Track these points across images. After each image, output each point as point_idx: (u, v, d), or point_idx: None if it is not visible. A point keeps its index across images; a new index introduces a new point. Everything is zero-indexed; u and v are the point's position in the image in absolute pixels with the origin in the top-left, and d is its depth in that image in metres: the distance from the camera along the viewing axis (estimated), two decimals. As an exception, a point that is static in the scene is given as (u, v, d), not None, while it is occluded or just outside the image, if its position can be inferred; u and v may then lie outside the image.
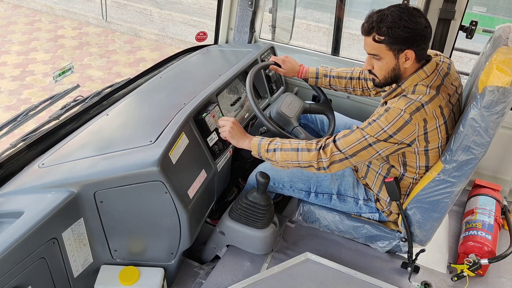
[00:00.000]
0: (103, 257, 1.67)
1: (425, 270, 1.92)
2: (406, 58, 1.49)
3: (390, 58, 1.50)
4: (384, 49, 1.48)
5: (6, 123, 1.71)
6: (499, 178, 2.44)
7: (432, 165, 1.60)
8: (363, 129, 1.52)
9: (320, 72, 2.03)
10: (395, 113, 1.46)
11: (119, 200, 1.55)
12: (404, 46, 1.46)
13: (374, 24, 1.46)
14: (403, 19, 1.42)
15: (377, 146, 1.51)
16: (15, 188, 1.53)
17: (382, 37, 1.46)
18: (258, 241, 1.83)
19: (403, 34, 1.43)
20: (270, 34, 2.86)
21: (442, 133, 1.51)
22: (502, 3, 6.27)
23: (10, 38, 6.41)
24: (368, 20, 1.49)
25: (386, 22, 1.44)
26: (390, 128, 1.47)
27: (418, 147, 1.53)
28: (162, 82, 2.07)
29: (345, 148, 1.54)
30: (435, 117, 1.47)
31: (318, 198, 1.87)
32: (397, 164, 1.66)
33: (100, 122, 1.78)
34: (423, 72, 1.52)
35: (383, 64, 1.52)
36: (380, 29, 1.45)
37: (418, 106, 1.45)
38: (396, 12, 1.44)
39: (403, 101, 1.48)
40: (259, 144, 1.66)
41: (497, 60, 1.36)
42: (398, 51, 1.47)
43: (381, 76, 1.56)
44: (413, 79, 1.52)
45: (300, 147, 1.60)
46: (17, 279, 1.33)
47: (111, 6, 7.31)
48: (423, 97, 1.47)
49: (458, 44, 2.31)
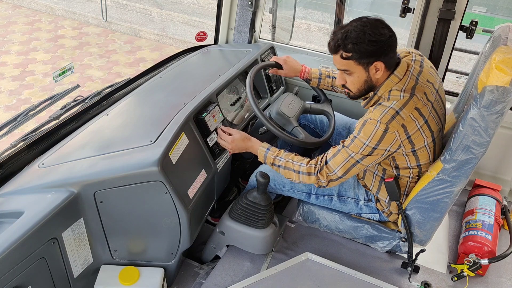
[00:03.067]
0: (103, 257, 1.67)
1: (425, 270, 1.92)
2: (376, 69, 1.53)
3: (361, 72, 1.54)
4: (353, 65, 1.52)
5: (6, 123, 1.71)
6: (499, 178, 2.44)
7: (423, 163, 1.61)
8: (348, 147, 1.57)
9: (323, 73, 2.03)
10: (372, 125, 1.50)
11: (119, 200, 1.55)
12: (372, 58, 1.50)
13: (339, 42, 1.50)
14: (366, 33, 1.46)
15: (364, 162, 1.56)
16: (15, 188, 1.53)
17: (349, 54, 1.50)
18: (258, 241, 1.83)
19: (368, 48, 1.47)
20: (270, 34, 2.86)
21: (426, 132, 1.53)
22: (502, 3, 6.27)
23: (10, 38, 6.41)
24: (333, 38, 1.53)
25: (350, 38, 1.47)
26: (371, 141, 1.50)
27: (405, 150, 1.55)
28: (162, 82, 2.07)
29: (336, 168, 1.60)
30: (413, 119, 1.50)
31: (319, 199, 1.88)
32: (389, 167, 1.69)
33: (100, 122, 1.78)
34: (395, 77, 1.55)
35: (355, 78, 1.57)
36: (346, 46, 1.49)
37: (393, 114, 1.48)
38: (359, 27, 1.47)
39: (378, 111, 1.51)
40: (265, 156, 1.75)
41: (497, 59, 1.36)
42: (367, 64, 1.51)
43: (354, 90, 1.61)
44: (387, 85, 1.55)
45: (301, 170, 1.66)
46: (17, 279, 1.33)
47: (111, 6, 7.31)
48: (397, 102, 1.50)
49: (458, 44, 2.32)
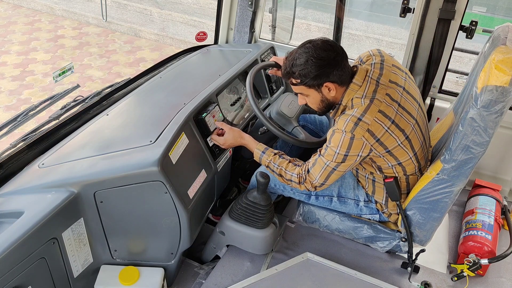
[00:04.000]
0: (103, 257, 1.67)
1: (425, 270, 1.92)
2: (328, 89, 1.57)
3: (314, 93, 1.60)
4: (305, 88, 1.59)
5: (6, 123, 1.71)
6: (499, 178, 2.44)
7: (403, 160, 1.61)
8: (323, 156, 1.61)
9: None
10: (339, 134, 1.54)
11: (119, 200, 1.55)
12: (320, 80, 1.55)
13: (288, 69, 1.57)
14: (309, 60, 1.52)
15: (340, 168, 1.60)
16: (15, 188, 1.53)
17: (298, 80, 1.57)
18: (258, 241, 1.83)
19: (314, 72, 1.52)
20: (270, 34, 2.86)
21: (395, 132, 1.54)
22: (502, 3, 6.27)
23: (10, 38, 6.41)
24: (283, 65, 1.61)
25: (296, 66, 1.54)
26: (341, 150, 1.54)
27: (379, 152, 1.56)
28: (162, 82, 2.07)
29: (317, 176, 1.64)
30: (378, 122, 1.51)
31: (319, 200, 1.88)
32: (372, 169, 1.69)
33: (100, 122, 1.78)
34: (354, 85, 1.58)
35: (311, 99, 1.64)
36: (294, 73, 1.56)
37: (356, 121, 1.51)
38: (303, 54, 1.53)
39: (342, 120, 1.54)
40: (261, 158, 1.76)
41: (496, 59, 1.36)
42: (318, 86, 1.57)
43: (315, 108, 1.68)
44: (348, 94, 1.59)
45: (292, 179, 1.70)
46: (17, 279, 1.33)
47: (111, 6, 7.31)
48: (358, 109, 1.53)
49: (458, 44, 2.32)
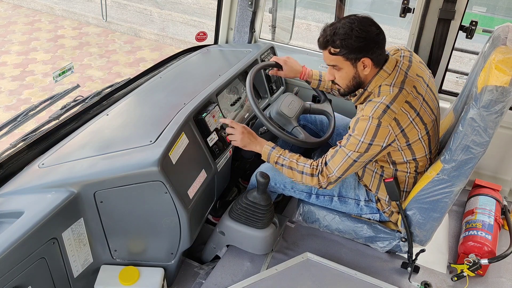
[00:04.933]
0: (103, 257, 1.67)
1: (425, 270, 1.92)
2: (364, 66, 1.56)
3: (349, 68, 1.58)
4: (341, 60, 1.57)
5: (6, 123, 1.71)
6: (499, 178, 2.44)
7: (418, 156, 1.62)
8: (344, 147, 1.60)
9: (324, 75, 2.04)
10: (365, 121, 1.53)
11: (119, 200, 1.55)
12: (360, 54, 1.54)
13: (328, 38, 1.54)
14: (354, 30, 1.50)
15: (362, 159, 1.59)
16: (15, 188, 1.53)
17: (337, 50, 1.54)
18: (258, 241, 1.83)
19: (356, 44, 1.51)
20: (270, 34, 2.86)
21: (419, 124, 1.55)
22: (502, 3, 6.27)
23: (10, 38, 6.41)
24: (322, 34, 1.57)
25: (339, 34, 1.52)
26: (366, 138, 1.53)
27: (400, 144, 1.57)
28: (162, 82, 2.07)
29: (335, 168, 1.62)
30: (405, 112, 1.52)
31: (319, 200, 1.87)
32: (386, 164, 1.70)
33: (100, 122, 1.78)
34: (384, 72, 1.58)
35: (343, 74, 1.60)
36: (334, 42, 1.53)
37: (384, 109, 1.51)
38: (347, 24, 1.52)
39: (369, 107, 1.54)
40: (269, 154, 1.75)
41: (496, 59, 1.36)
42: (355, 60, 1.55)
43: (343, 85, 1.65)
44: (376, 81, 1.59)
45: (304, 170, 1.68)
46: (17, 279, 1.33)
47: (111, 6, 7.31)
48: (387, 97, 1.53)
49: (458, 44, 2.32)
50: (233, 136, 1.79)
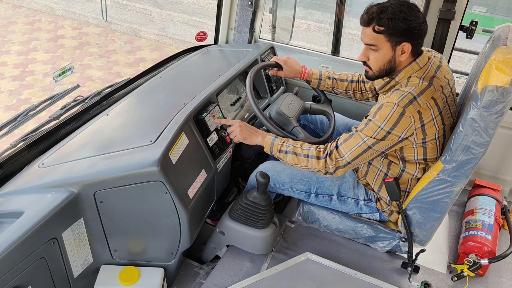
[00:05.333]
0: (103, 257, 1.67)
1: (425, 270, 1.92)
2: (402, 51, 1.53)
3: (388, 50, 1.54)
4: (382, 40, 1.52)
5: (6, 123, 1.71)
6: (499, 178, 2.44)
7: (430, 158, 1.61)
8: (361, 131, 1.56)
9: (324, 74, 2.03)
10: (389, 108, 1.49)
11: (119, 200, 1.55)
12: (402, 38, 1.51)
13: (374, 15, 1.50)
14: (403, 12, 1.48)
15: (376, 147, 1.55)
16: (15, 188, 1.53)
17: (382, 28, 1.50)
18: (258, 241, 1.83)
19: (402, 25, 1.48)
20: (270, 34, 2.86)
21: (438, 123, 1.54)
22: (502, 3, 6.26)
23: (10, 38, 6.41)
24: (368, 11, 1.53)
25: (386, 13, 1.48)
26: (386, 125, 1.50)
27: (416, 140, 1.55)
28: (162, 82, 2.07)
29: (347, 152, 1.59)
30: (429, 107, 1.50)
31: (318, 199, 1.87)
32: (396, 160, 1.67)
33: (100, 122, 1.78)
34: (416, 64, 1.56)
35: (380, 55, 1.56)
36: (381, 19, 1.49)
37: (411, 99, 1.48)
38: (396, 5, 1.49)
39: (396, 94, 1.51)
40: (272, 143, 1.72)
41: (496, 60, 1.36)
42: (396, 42, 1.52)
43: (376, 68, 1.60)
44: (406, 72, 1.57)
45: (310, 153, 1.65)
46: (17, 279, 1.33)
47: (111, 6, 7.31)
48: (415, 88, 1.51)
49: (458, 44, 2.32)
50: (232, 133, 1.79)
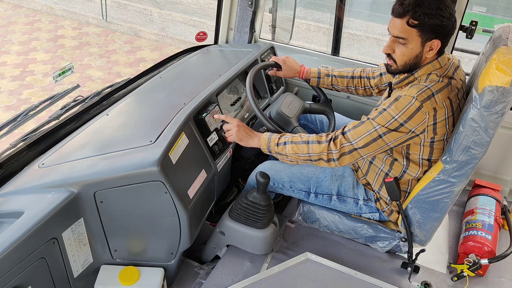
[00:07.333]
0: (103, 257, 1.67)
1: (425, 270, 1.92)
2: (430, 48, 1.50)
3: (417, 45, 1.49)
4: (414, 34, 1.47)
5: (6, 123, 1.71)
6: (499, 178, 2.44)
7: (434, 158, 1.60)
8: (373, 119, 1.53)
9: (322, 72, 2.03)
10: (406, 100, 1.47)
11: (119, 200, 1.55)
12: (434, 35, 1.47)
13: (410, 8, 1.44)
14: (439, 8, 1.43)
15: (387, 137, 1.52)
16: (15, 188, 1.53)
17: (416, 22, 1.44)
18: (258, 241, 1.83)
19: (437, 22, 1.44)
20: (270, 34, 2.86)
21: (450, 124, 1.53)
22: (502, 3, 6.27)
23: (10, 38, 6.41)
24: (402, 2, 1.46)
25: (423, 7, 1.43)
26: (401, 116, 1.48)
27: (425, 138, 1.53)
28: (162, 82, 2.07)
29: (355, 139, 1.55)
30: (444, 106, 1.49)
31: (318, 199, 1.87)
32: (400, 157, 1.65)
33: (100, 122, 1.78)
34: (437, 63, 1.54)
35: (407, 50, 1.51)
36: (416, 13, 1.43)
37: (429, 95, 1.47)
38: (435, 2, 1.43)
39: (415, 88, 1.49)
40: (269, 138, 1.69)
41: (497, 60, 1.36)
42: (426, 39, 1.48)
43: (401, 62, 1.55)
44: (427, 69, 1.55)
45: (310, 139, 1.62)
46: (17, 279, 1.33)
47: (111, 6, 7.31)
48: (435, 85, 1.49)
49: (458, 44, 2.31)
50: (229, 132, 1.78)
